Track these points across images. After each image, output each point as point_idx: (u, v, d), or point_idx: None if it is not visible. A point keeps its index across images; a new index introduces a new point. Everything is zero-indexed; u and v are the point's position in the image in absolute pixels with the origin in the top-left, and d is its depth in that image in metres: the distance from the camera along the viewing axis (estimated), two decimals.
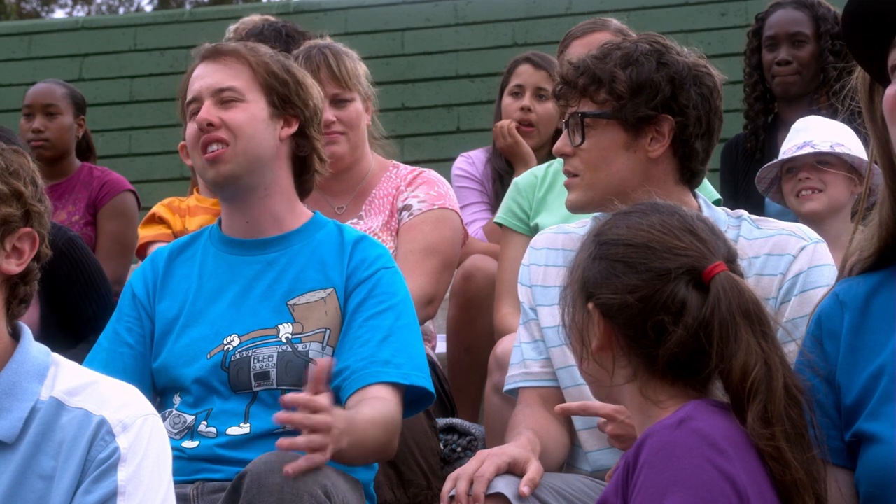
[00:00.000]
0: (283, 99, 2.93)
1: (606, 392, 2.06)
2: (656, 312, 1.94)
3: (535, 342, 2.83)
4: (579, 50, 3.93)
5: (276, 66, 2.96)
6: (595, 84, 2.70)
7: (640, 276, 1.96)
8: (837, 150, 3.80)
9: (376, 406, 2.70)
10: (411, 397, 2.83)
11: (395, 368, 2.76)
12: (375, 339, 2.79)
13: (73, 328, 3.83)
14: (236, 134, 2.87)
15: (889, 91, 1.93)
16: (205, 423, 2.78)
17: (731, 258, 2.02)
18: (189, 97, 2.96)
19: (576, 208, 2.79)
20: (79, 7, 18.43)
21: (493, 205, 4.50)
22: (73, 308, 3.90)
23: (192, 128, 2.92)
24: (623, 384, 2.00)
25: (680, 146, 2.71)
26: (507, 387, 2.87)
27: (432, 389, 2.84)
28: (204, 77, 2.94)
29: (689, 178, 2.77)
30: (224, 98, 2.90)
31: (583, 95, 2.72)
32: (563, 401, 2.74)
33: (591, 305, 2.00)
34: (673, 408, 1.93)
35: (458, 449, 3.70)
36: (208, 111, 2.89)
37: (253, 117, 2.90)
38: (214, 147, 2.87)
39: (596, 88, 2.70)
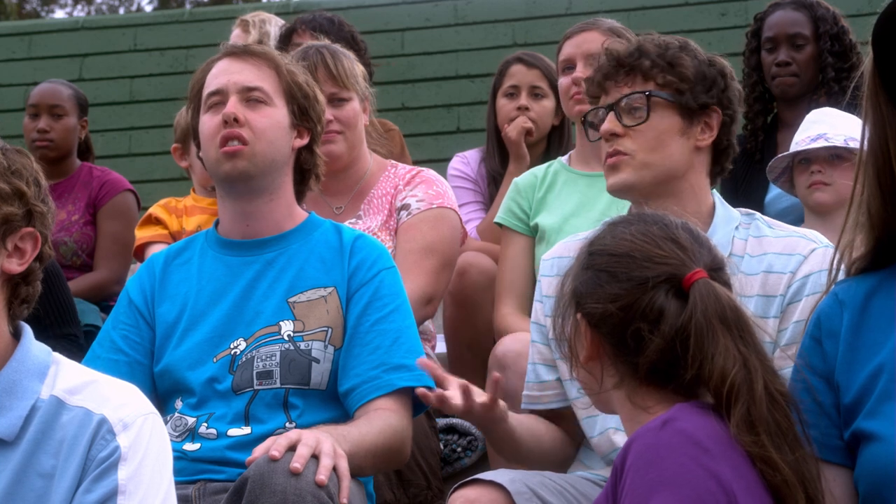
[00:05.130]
0: (302, 111, 2.96)
1: (597, 399, 2.09)
2: (635, 321, 1.97)
3: (548, 366, 2.83)
4: (571, 49, 3.97)
5: (300, 77, 2.98)
6: (657, 67, 2.70)
7: (621, 285, 1.99)
8: (851, 144, 3.78)
9: (374, 421, 2.71)
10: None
11: (409, 371, 2.78)
12: (385, 343, 2.80)
13: None
14: (258, 136, 2.88)
15: None
16: (205, 424, 2.78)
17: (715, 266, 2.03)
18: (213, 88, 2.94)
19: (623, 189, 2.73)
20: (79, 7, 18.42)
21: (488, 204, 4.49)
22: None
23: (213, 119, 2.91)
24: (611, 390, 2.03)
25: (722, 140, 2.76)
26: (523, 405, 2.87)
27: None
28: (231, 73, 2.94)
29: (716, 175, 2.80)
30: (251, 97, 2.91)
31: (646, 78, 2.70)
32: (574, 416, 2.76)
33: (578, 315, 2.03)
34: (661, 412, 1.94)
35: (459, 449, 3.70)
36: (235, 107, 2.89)
37: (276, 123, 2.92)
38: (234, 143, 2.87)
39: (660, 70, 2.70)
